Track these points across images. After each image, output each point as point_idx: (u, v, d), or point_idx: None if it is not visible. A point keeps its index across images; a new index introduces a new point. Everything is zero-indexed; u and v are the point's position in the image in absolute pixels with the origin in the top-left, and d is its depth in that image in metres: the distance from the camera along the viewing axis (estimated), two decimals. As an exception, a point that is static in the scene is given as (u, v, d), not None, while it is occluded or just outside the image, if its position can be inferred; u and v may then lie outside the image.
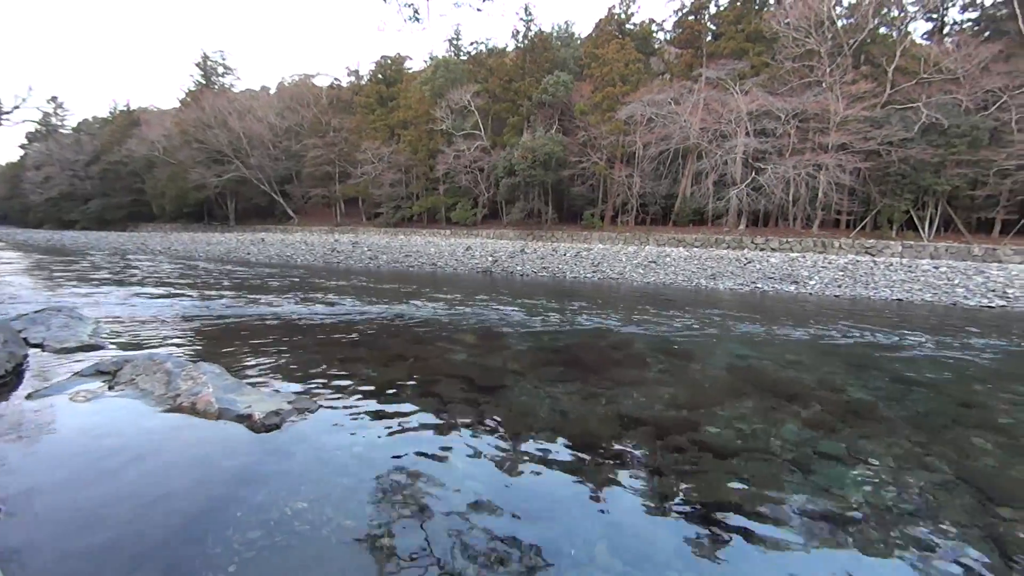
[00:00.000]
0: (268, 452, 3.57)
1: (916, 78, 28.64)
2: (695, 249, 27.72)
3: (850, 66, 30.63)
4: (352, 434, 3.99)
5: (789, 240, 28.39)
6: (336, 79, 56.26)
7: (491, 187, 39.80)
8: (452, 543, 2.68)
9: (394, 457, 3.64)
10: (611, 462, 3.74)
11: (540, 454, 3.82)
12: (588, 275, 19.39)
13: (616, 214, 36.70)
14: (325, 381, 5.28)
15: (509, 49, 44.79)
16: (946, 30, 32.85)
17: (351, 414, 4.40)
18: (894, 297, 15.32)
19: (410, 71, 52.17)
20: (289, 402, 4.38)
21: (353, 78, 55.23)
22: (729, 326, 9.68)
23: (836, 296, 15.48)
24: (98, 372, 4.81)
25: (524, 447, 3.93)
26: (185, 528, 2.62)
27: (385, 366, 5.99)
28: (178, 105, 60.49)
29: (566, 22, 55.29)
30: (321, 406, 4.50)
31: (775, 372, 6.46)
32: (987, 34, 29.84)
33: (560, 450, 3.90)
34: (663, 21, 42.60)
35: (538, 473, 3.54)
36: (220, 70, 60.85)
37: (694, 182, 33.27)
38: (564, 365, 6.36)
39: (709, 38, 37.01)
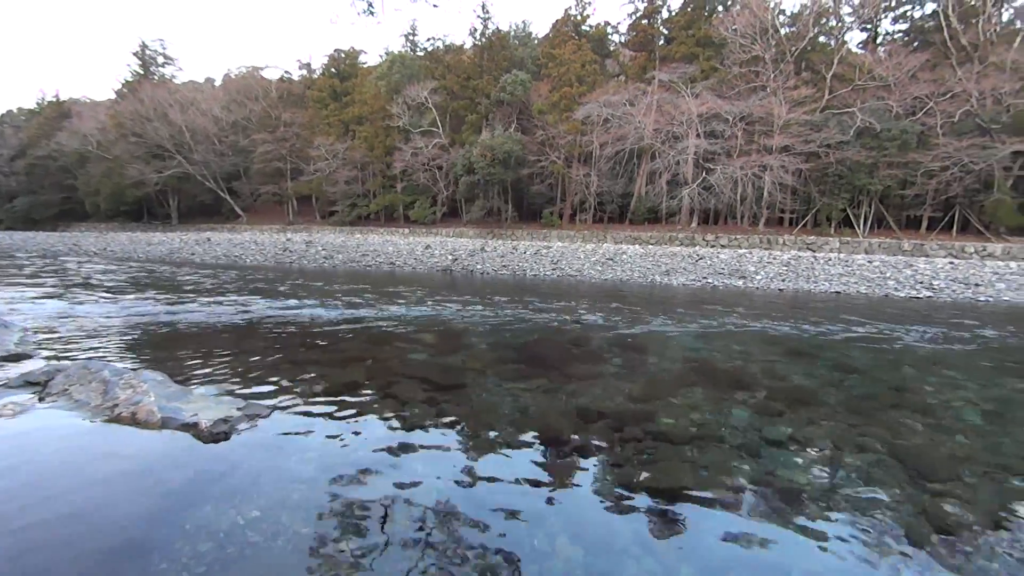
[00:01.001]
0: (217, 461, 3.42)
1: (852, 84, 30.54)
2: (650, 246, 28.52)
3: (792, 72, 32.32)
4: (307, 439, 3.88)
5: (737, 237, 29.68)
6: (287, 72, 54.27)
7: (450, 185, 39.51)
8: (414, 544, 2.66)
9: (352, 461, 3.56)
10: (572, 455, 3.80)
11: (502, 451, 3.84)
12: (548, 273, 19.59)
13: (575, 212, 37.24)
14: (278, 386, 5.10)
15: (467, 47, 44.53)
16: (879, 40, 35.16)
17: (306, 418, 4.27)
18: (833, 290, 16.30)
19: (365, 66, 50.95)
20: (239, 408, 4.20)
21: (305, 71, 53.41)
22: (682, 320, 10.02)
23: (780, 290, 16.31)
24: (27, 383, 4.45)
25: (486, 444, 3.93)
26: (128, 546, 2.47)
27: (341, 368, 5.84)
28: (114, 97, 56.71)
29: (523, 21, 55.65)
30: (274, 411, 4.34)
31: (724, 363, 6.75)
32: (916, 44, 32.18)
33: (522, 446, 3.93)
34: (618, 24, 43.58)
35: (500, 469, 3.55)
36: (160, 60, 57.42)
37: (649, 181, 34.21)
38: (524, 362, 6.41)
39: (662, 42, 38.10)
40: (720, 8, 36.78)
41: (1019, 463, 3.89)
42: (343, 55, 50.00)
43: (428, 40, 48.10)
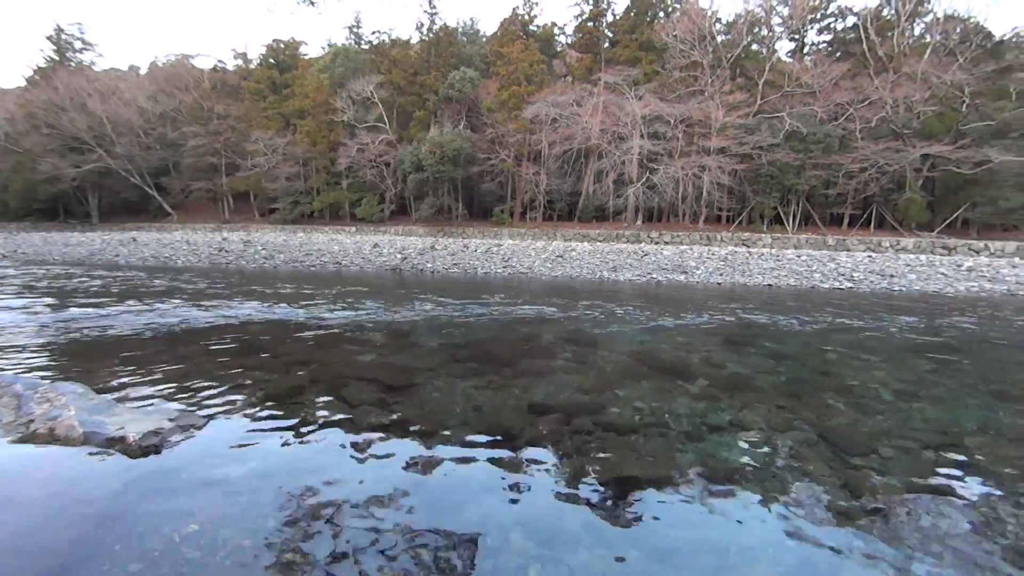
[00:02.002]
0: (148, 477, 3.20)
1: (781, 91, 32.60)
2: (598, 244, 29.22)
3: (728, 78, 34.09)
4: (248, 448, 3.70)
5: (679, 234, 30.97)
6: (220, 61, 51.36)
7: (398, 182, 38.78)
8: (365, 548, 2.60)
9: (297, 468, 3.43)
10: (524, 450, 3.84)
11: (454, 449, 3.82)
12: (499, 270, 19.64)
13: (525, 210, 37.54)
14: (214, 394, 4.82)
15: (414, 41, 43.79)
16: (806, 49, 37.73)
17: (246, 427, 4.07)
18: (765, 283, 17.34)
19: (306, 57, 49.04)
20: (171, 419, 3.94)
21: (240, 61, 50.72)
22: (629, 314, 10.34)
23: (719, 284, 17.17)
24: (-84, 401, 3.98)
25: (438, 443, 3.90)
26: (49, 574, 2.27)
27: (284, 373, 5.61)
28: (24, 84, 51.43)
29: (471, 18, 55.45)
30: (210, 421, 4.11)
31: (668, 354, 7.03)
32: (838, 55, 34.75)
33: (474, 443, 3.93)
34: (564, 25, 44.29)
35: (453, 468, 3.53)
36: (77, 45, 52.71)
37: (596, 180, 35.04)
38: (476, 360, 6.40)
39: (607, 45, 39.09)
40: (661, 14, 38.17)
41: (928, 436, 4.31)
42: (283, 46, 47.91)
43: (373, 33, 46.94)
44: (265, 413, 4.38)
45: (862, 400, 5.23)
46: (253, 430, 4.02)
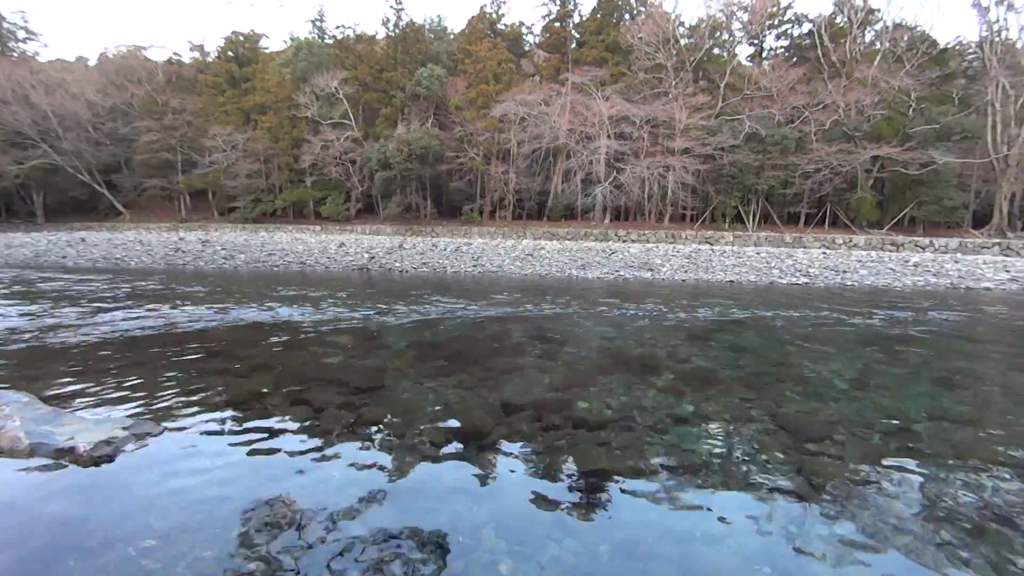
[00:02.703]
0: (101, 488, 3.06)
1: (741, 94, 33.67)
2: (567, 242, 29.48)
3: (691, 80, 34.99)
4: (207, 455, 3.58)
5: (646, 232, 31.59)
6: (176, 54, 49.17)
7: (365, 180, 38.11)
8: (333, 554, 2.55)
9: (261, 474, 3.34)
10: (494, 448, 3.84)
11: (424, 450, 3.79)
12: (469, 269, 19.57)
13: (494, 209, 37.54)
14: (171, 401, 4.63)
15: (379, 37, 43.08)
16: (764, 54, 39.11)
17: (205, 434, 3.93)
18: (727, 279, 17.89)
19: (267, 51, 47.55)
20: (124, 428, 3.77)
21: (197, 54, 48.70)
22: (597, 311, 10.49)
23: (683, 280, 17.61)
24: None
25: (408, 445, 3.86)
26: (-14, 592, 2.14)
27: (245, 377, 5.43)
28: (-41, 75, 47.89)
29: (438, 15, 54.96)
30: (166, 429, 3.95)
31: (635, 349, 7.18)
32: (795, 60, 36.17)
33: (444, 443, 3.91)
34: (532, 25, 44.53)
35: (423, 468, 3.51)
36: (20, 35, 49.57)
37: (564, 179, 35.35)
38: (446, 359, 6.37)
39: (574, 45, 39.48)
40: (627, 16, 38.81)
41: (879, 423, 4.54)
42: (242, 38, 46.32)
43: (337, 28, 46.01)
44: (226, 419, 4.23)
45: (817, 390, 5.48)
46: (213, 437, 3.89)
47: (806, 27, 36.92)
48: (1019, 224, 31.19)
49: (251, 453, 3.65)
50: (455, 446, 3.87)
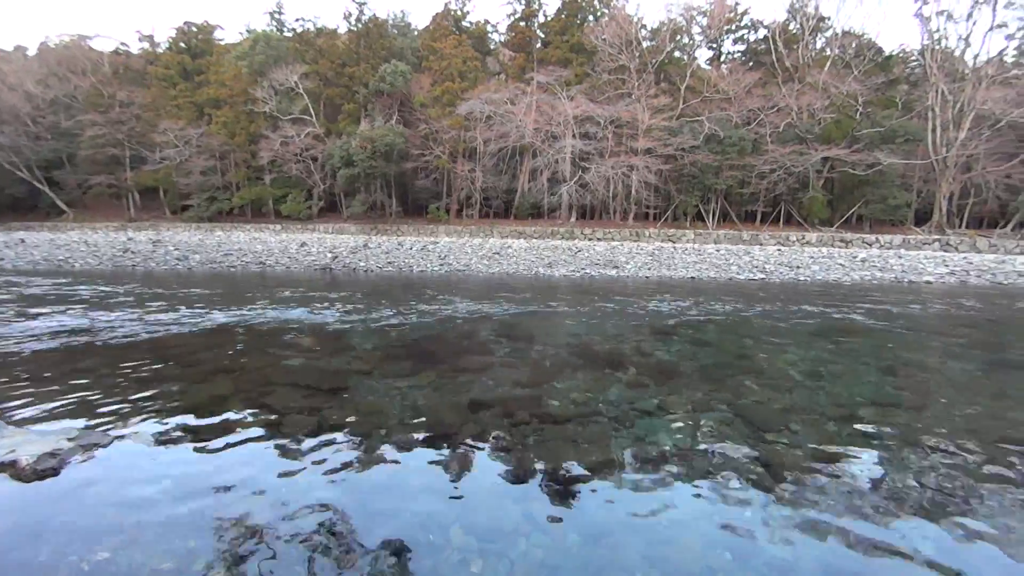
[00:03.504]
0: (47, 503, 2.90)
1: (701, 96, 34.65)
2: (534, 240, 29.64)
3: (653, 82, 35.77)
4: (161, 464, 3.43)
5: (611, 231, 32.11)
6: (123, 44, 46.59)
7: (327, 178, 37.20)
8: (299, 560, 2.49)
9: (220, 482, 3.22)
10: (463, 447, 3.83)
11: (392, 451, 3.74)
12: (435, 268, 19.40)
13: (461, 208, 37.33)
14: (122, 409, 4.41)
15: (341, 31, 42.08)
16: (723, 58, 40.36)
17: (160, 442, 3.76)
18: (689, 275, 18.41)
19: (222, 43, 45.70)
20: (70, 439, 3.56)
21: (147, 44, 46.29)
22: (563, 309, 10.60)
23: (647, 277, 18.01)
24: None
25: (374, 447, 3.80)
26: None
27: (202, 382, 5.22)
28: None
29: (402, 11, 54.06)
30: (117, 439, 3.76)
31: (601, 345, 7.29)
32: (751, 64, 37.46)
33: (412, 443, 3.87)
34: (497, 23, 44.49)
35: (390, 469, 3.46)
36: (-55, 20, 45.63)
37: (531, 178, 35.51)
38: (413, 359, 6.30)
39: (539, 45, 39.66)
40: (591, 18, 39.27)
41: (831, 410, 4.77)
42: (195, 29, 44.39)
43: (297, 20, 44.64)
44: (181, 426, 4.06)
45: (774, 380, 5.71)
46: (168, 445, 3.72)
47: (761, 33, 38.35)
48: (957, 221, 33.37)
49: (209, 460, 3.51)
50: (423, 446, 3.83)
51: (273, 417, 4.28)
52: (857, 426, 4.41)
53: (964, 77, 31.94)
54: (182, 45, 43.91)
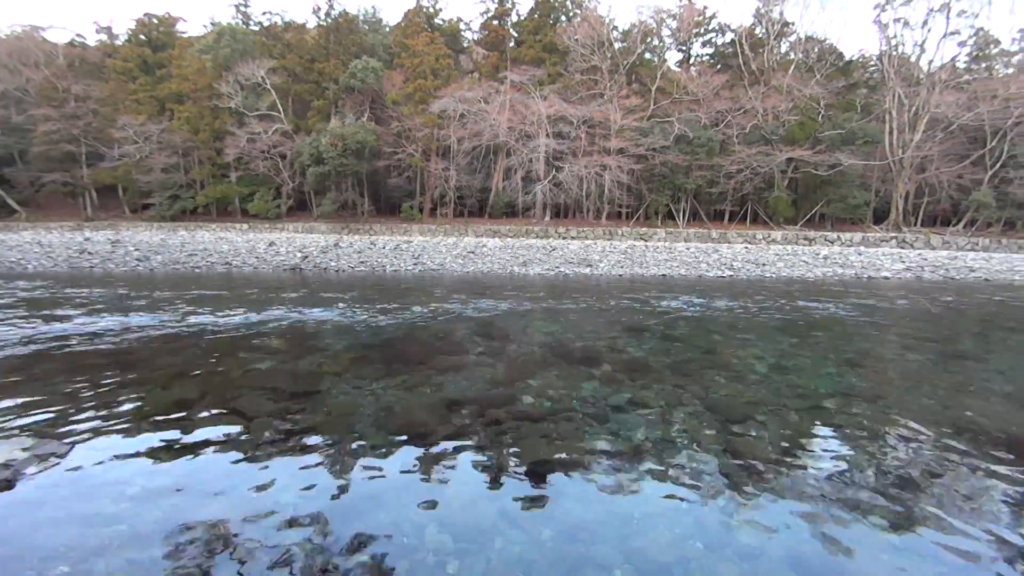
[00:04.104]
0: (2, 515, 2.75)
1: (671, 97, 35.28)
2: (508, 239, 29.66)
3: (624, 83, 36.23)
4: (124, 474, 3.31)
5: (584, 230, 32.40)
6: (79, 35, 44.32)
7: (296, 176, 36.33)
8: (270, 568, 2.44)
9: (187, 490, 3.13)
10: (438, 446, 3.82)
11: (365, 453, 3.69)
12: (409, 267, 19.21)
13: (435, 206, 37.03)
14: (81, 416, 4.22)
15: (310, 26, 41.15)
16: (692, 60, 41.18)
17: (121, 451, 3.62)
18: (660, 273, 18.75)
19: (185, 35, 44.09)
20: (26, 449, 3.41)
21: (104, 36, 44.18)
22: (538, 307, 10.65)
23: (620, 275, 18.26)
24: None
25: (347, 449, 3.75)
26: None
27: (165, 388, 5.05)
28: None
29: (373, 7, 52.95)
30: (75, 447, 3.61)
31: (575, 343, 7.36)
32: (719, 67, 38.33)
33: (386, 445, 3.83)
34: (470, 21, 44.29)
35: (364, 473, 3.42)
36: None
37: (505, 177, 35.50)
38: (386, 360, 6.23)
39: (512, 44, 39.62)
40: (564, 18, 39.47)
41: (795, 402, 4.95)
42: (156, 21, 42.72)
43: (264, 14, 43.40)
44: (144, 434, 3.92)
45: (741, 374, 5.88)
46: (130, 454, 3.59)
47: (729, 36, 39.28)
48: (912, 220, 34.97)
49: (174, 468, 3.40)
50: (397, 447, 3.80)
51: (241, 422, 4.17)
52: (819, 417, 4.58)
53: (919, 82, 33.48)
54: (142, 37, 42.17)
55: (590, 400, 4.82)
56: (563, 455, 3.69)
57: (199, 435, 3.92)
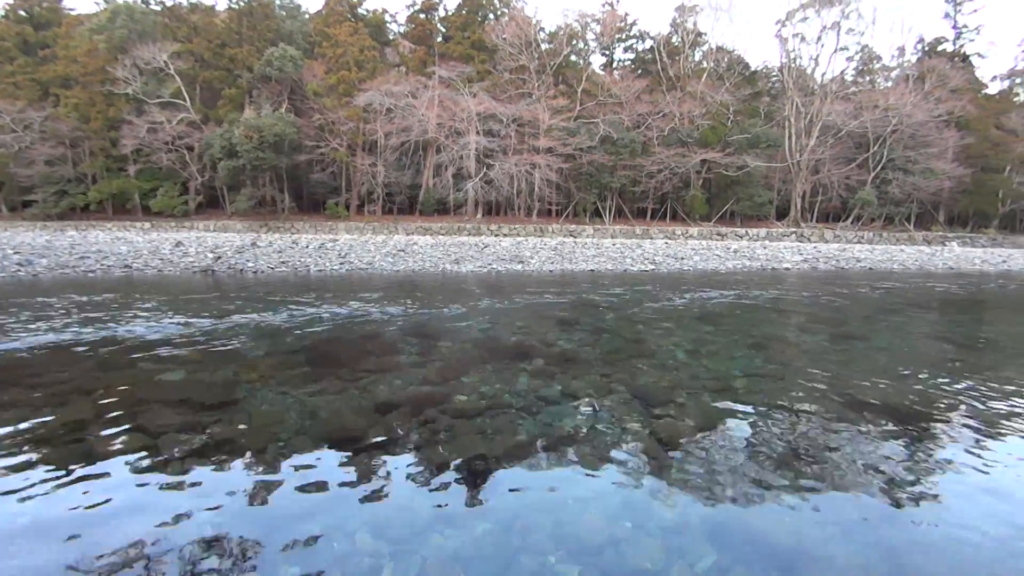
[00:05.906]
0: None
1: (596, 99, 36.55)
2: (440, 237, 29.35)
3: (552, 84, 37.04)
4: (11, 504, 2.93)
5: (516, 227, 32.80)
6: (-64, 7, 38.15)
7: (206, 170, 33.67)
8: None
9: (88, 516, 2.82)
10: (370, 450, 3.71)
11: (291, 463, 3.51)
12: (335, 267, 18.44)
13: (363, 203, 35.83)
14: (-56, 439, 3.67)
15: (220, 8, 38.19)
16: (614, 65, 42.90)
17: (7, 478, 3.20)
18: (588, 268, 19.41)
19: (73, 13, 39.36)
20: None
21: (-30, 9, 38.36)
22: (472, 304, 10.64)
23: (551, 271, 18.69)
24: None
25: (270, 460, 3.55)
26: None
27: (59, 406, 4.50)
28: None
29: (290, -8, 50.09)
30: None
31: (508, 338, 7.46)
32: (639, 72, 40.24)
33: (314, 452, 3.67)
34: (396, 13, 43.20)
35: (290, 483, 3.25)
36: None
37: (436, 174, 35.06)
38: (311, 364, 5.95)
39: (440, 39, 39.14)
40: (491, 16, 39.55)
41: (710, 383, 5.33)
42: (33, -6, 37.69)
43: (165, -7, 39.50)
44: (35, 457, 3.49)
45: (662, 360, 6.26)
46: (18, 483, 3.17)
47: (648, 43, 41.32)
48: (809, 216, 38.79)
49: (71, 496, 3.05)
50: (325, 453, 3.66)
51: (147, 439, 3.81)
52: (731, 397, 4.98)
53: (814, 92, 37.20)
54: (22, 13, 37.14)
55: (522, 394, 4.91)
56: (498, 449, 3.73)
57: (99, 457, 3.54)
